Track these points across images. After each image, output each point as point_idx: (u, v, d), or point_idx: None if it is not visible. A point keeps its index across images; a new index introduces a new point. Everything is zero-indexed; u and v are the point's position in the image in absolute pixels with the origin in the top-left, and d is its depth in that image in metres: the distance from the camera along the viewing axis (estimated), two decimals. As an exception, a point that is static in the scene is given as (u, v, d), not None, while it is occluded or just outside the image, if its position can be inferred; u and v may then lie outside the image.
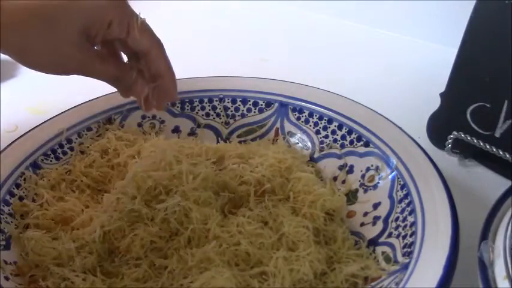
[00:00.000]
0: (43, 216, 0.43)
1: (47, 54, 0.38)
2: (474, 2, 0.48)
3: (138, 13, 0.41)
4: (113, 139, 0.49)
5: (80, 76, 0.42)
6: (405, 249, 0.37)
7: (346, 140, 0.48)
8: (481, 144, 0.49)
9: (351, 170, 0.47)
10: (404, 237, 0.38)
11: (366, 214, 0.43)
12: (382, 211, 0.42)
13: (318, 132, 0.51)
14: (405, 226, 0.39)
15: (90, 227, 0.40)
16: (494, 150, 0.48)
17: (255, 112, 0.53)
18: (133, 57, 0.43)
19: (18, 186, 0.44)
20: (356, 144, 0.47)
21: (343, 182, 0.47)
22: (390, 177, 0.43)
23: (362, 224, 0.43)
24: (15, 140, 0.47)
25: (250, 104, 0.53)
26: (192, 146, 0.48)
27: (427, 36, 0.76)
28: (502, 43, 0.46)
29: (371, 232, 0.42)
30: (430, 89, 0.55)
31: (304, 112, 0.51)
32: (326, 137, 0.50)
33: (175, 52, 0.46)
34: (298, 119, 0.52)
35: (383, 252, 0.39)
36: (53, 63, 0.39)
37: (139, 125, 0.53)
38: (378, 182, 0.44)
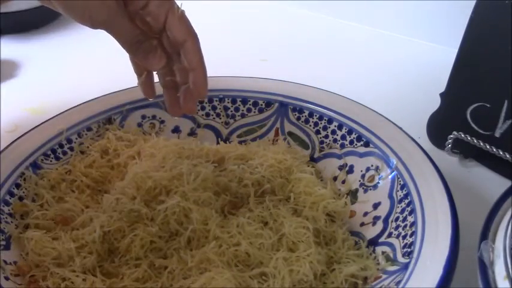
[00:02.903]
0: (43, 217, 0.43)
1: None
2: (474, 2, 0.48)
3: (179, 4, 0.41)
4: (113, 139, 0.49)
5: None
6: (405, 249, 0.37)
7: (346, 140, 0.48)
8: (481, 144, 0.49)
9: (351, 170, 0.47)
10: (404, 237, 0.38)
11: (366, 214, 0.43)
12: (382, 211, 0.42)
13: (318, 132, 0.51)
14: (405, 226, 0.39)
15: (90, 227, 0.40)
16: (494, 150, 0.48)
17: (255, 112, 0.53)
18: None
19: (18, 186, 0.44)
20: (356, 144, 0.47)
21: (343, 182, 0.47)
22: (390, 177, 0.43)
23: (362, 224, 0.43)
24: (15, 140, 0.47)
25: (250, 104, 0.53)
26: (192, 148, 0.48)
27: (427, 36, 0.76)
28: (502, 43, 0.46)
29: (371, 232, 0.42)
30: (430, 89, 0.55)
31: (304, 112, 0.51)
32: (326, 137, 0.50)
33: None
34: (298, 119, 0.52)
35: (383, 252, 0.39)
36: (85, 7, 0.38)
37: (139, 125, 0.53)
38: (378, 182, 0.44)
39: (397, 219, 0.40)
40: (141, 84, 0.46)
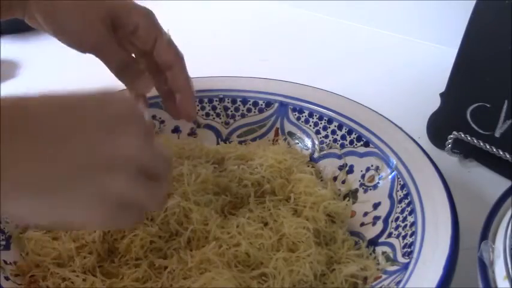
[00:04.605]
0: (43, 217, 0.43)
1: (73, 18, 0.39)
2: (474, 2, 0.48)
3: (166, 30, 0.43)
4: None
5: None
6: (405, 249, 0.37)
7: (346, 140, 0.48)
8: (481, 144, 0.49)
9: (350, 170, 0.47)
10: (404, 237, 0.38)
11: (365, 214, 0.43)
12: (382, 211, 0.42)
13: (318, 132, 0.51)
14: (405, 226, 0.39)
15: (90, 227, 0.40)
16: (494, 150, 0.48)
17: (255, 112, 0.53)
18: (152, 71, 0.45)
19: (18, 186, 0.44)
20: (356, 144, 0.47)
21: (343, 182, 0.47)
22: (390, 177, 0.43)
23: (362, 224, 0.43)
24: (15, 140, 0.46)
25: (250, 104, 0.53)
26: (193, 148, 0.48)
27: (427, 37, 0.76)
28: (502, 43, 0.46)
29: (371, 232, 0.42)
30: (430, 89, 0.55)
31: (304, 112, 0.51)
32: (326, 137, 0.50)
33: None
34: (298, 119, 0.52)
35: (383, 252, 0.39)
36: (75, 31, 0.40)
37: (139, 125, 0.52)
38: (378, 182, 0.44)
39: (397, 219, 0.40)
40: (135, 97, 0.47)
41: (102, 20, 0.40)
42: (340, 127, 0.49)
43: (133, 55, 0.45)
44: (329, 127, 0.50)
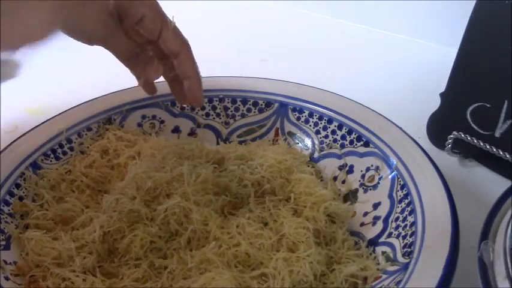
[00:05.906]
0: (43, 217, 0.43)
1: (81, 16, 0.39)
2: (474, 2, 0.48)
3: (171, 17, 0.43)
4: (113, 139, 0.49)
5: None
6: (405, 249, 0.37)
7: (346, 140, 0.48)
8: (481, 144, 0.49)
9: (350, 170, 0.47)
10: (404, 237, 0.38)
11: (365, 214, 0.43)
12: (382, 211, 0.42)
13: (318, 132, 0.51)
14: (405, 226, 0.39)
15: (90, 227, 0.40)
16: (494, 150, 0.48)
17: (255, 112, 0.53)
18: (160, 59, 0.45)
19: (18, 186, 0.44)
20: (356, 144, 0.47)
21: (343, 182, 0.47)
22: (390, 177, 0.43)
23: (362, 224, 0.43)
24: (15, 140, 0.47)
25: (250, 104, 0.53)
26: (192, 148, 0.48)
27: (427, 36, 0.76)
28: (502, 43, 0.46)
29: (371, 232, 0.42)
30: (430, 89, 0.55)
31: (304, 112, 0.51)
32: (326, 137, 0.50)
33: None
34: (298, 119, 0.52)
35: (383, 252, 0.39)
36: (84, 29, 0.40)
37: (139, 125, 0.53)
38: (378, 182, 0.44)
39: (397, 219, 0.40)
40: (142, 85, 0.48)
41: (109, 12, 0.40)
42: (340, 127, 0.49)
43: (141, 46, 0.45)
44: (329, 127, 0.50)
